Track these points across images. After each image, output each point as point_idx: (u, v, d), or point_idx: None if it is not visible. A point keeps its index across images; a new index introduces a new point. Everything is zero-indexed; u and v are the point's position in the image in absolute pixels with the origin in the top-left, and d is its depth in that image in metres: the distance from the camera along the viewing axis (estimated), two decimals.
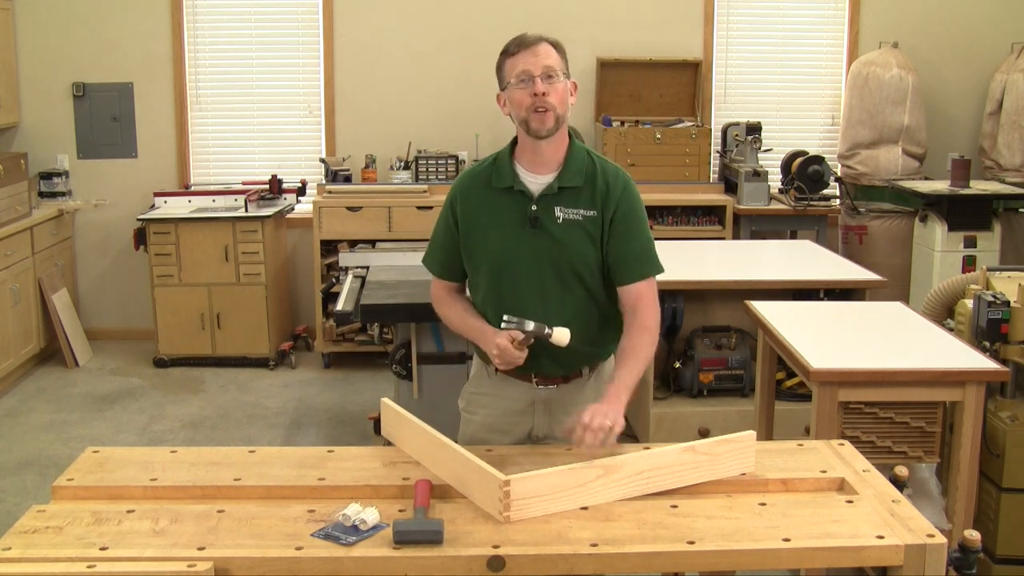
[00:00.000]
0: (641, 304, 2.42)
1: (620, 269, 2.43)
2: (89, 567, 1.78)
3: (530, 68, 2.34)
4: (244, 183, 6.30)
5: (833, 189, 6.21)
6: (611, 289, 2.48)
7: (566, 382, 2.51)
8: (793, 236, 6.26)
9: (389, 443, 2.40)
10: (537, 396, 2.50)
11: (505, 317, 2.34)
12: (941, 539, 1.89)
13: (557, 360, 2.43)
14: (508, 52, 2.39)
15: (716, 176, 6.45)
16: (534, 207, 2.41)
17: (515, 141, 2.48)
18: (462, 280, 2.58)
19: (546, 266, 2.40)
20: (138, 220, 5.94)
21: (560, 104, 2.36)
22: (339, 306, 4.14)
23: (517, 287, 2.40)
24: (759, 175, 6.06)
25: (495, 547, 1.86)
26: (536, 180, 2.43)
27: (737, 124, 6.34)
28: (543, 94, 2.33)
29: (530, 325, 2.29)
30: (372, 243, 5.68)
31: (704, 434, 4.26)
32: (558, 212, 2.40)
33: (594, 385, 2.53)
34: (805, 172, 5.99)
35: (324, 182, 6.19)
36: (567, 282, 2.41)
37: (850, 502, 2.07)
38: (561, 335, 2.29)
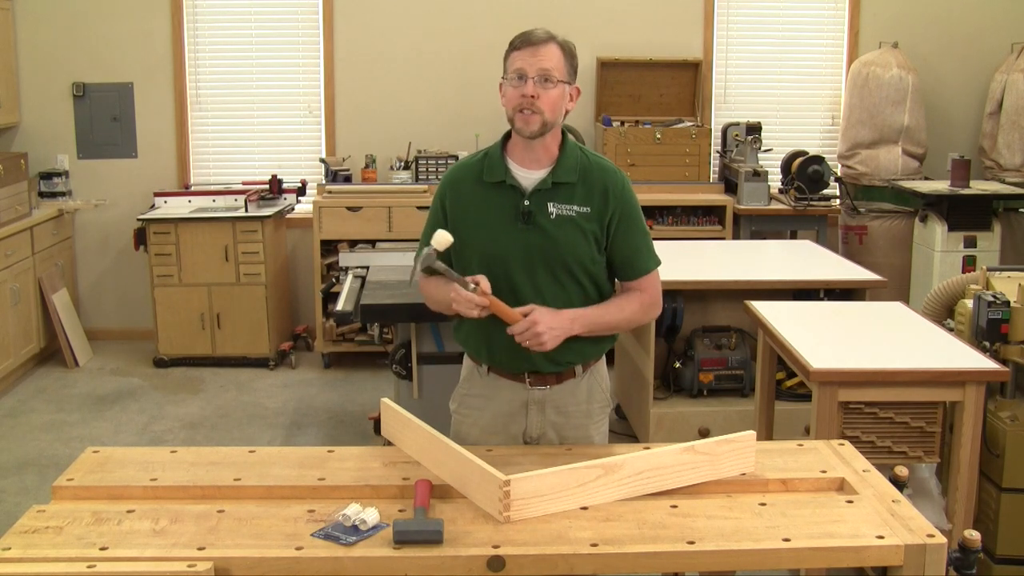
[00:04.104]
0: (641, 288, 2.49)
1: (624, 268, 2.48)
2: (89, 567, 1.78)
3: (526, 68, 2.32)
4: (244, 183, 6.30)
5: (833, 189, 6.21)
6: (605, 287, 2.49)
7: (559, 382, 2.49)
8: (793, 236, 6.26)
9: (389, 443, 2.40)
10: (530, 397, 2.48)
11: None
12: (941, 539, 1.89)
13: (550, 356, 2.41)
14: (513, 45, 2.37)
15: (716, 176, 6.45)
16: (527, 202, 2.38)
17: (508, 135, 2.46)
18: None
19: (538, 261, 2.39)
20: (138, 220, 5.94)
21: (550, 110, 2.33)
22: (339, 306, 4.14)
23: (510, 281, 2.39)
24: (759, 175, 6.06)
25: (495, 547, 1.86)
26: (528, 175, 2.41)
27: (737, 124, 6.34)
28: (533, 96, 2.31)
29: (422, 252, 2.33)
30: (372, 243, 5.68)
31: (704, 434, 4.26)
32: (551, 207, 2.38)
33: (587, 386, 2.52)
34: (805, 172, 5.99)
35: (324, 182, 6.20)
36: (559, 277, 2.40)
37: (850, 502, 2.07)
38: (438, 238, 2.31)
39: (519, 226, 2.39)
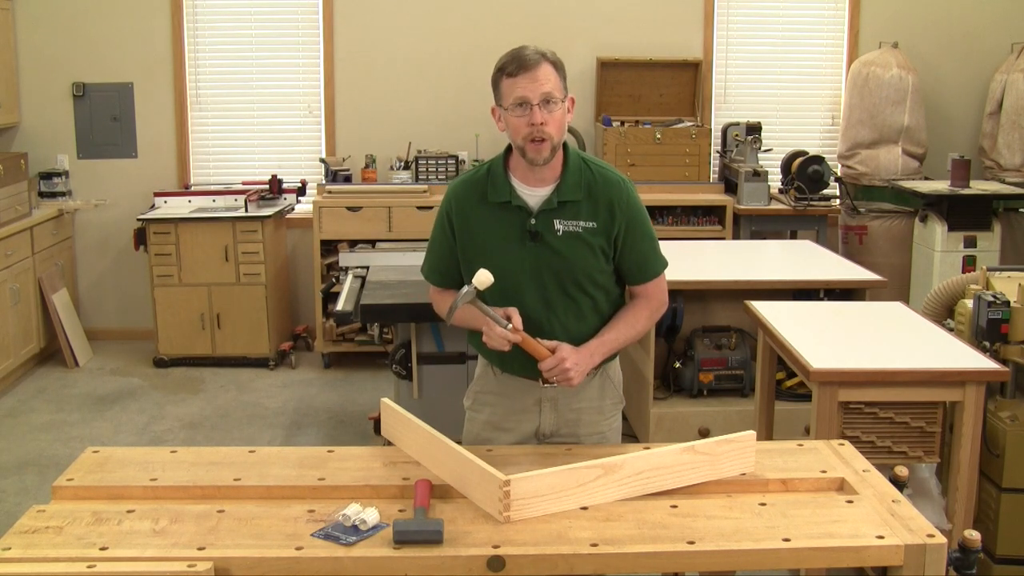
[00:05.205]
0: (648, 292, 2.52)
1: (632, 274, 2.50)
2: (89, 567, 1.78)
3: (528, 95, 2.28)
4: (244, 183, 6.31)
5: (833, 189, 6.21)
6: (613, 292, 2.50)
7: None
8: (793, 236, 6.26)
9: (389, 443, 2.40)
10: (543, 395, 2.51)
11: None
12: (941, 539, 1.89)
13: None
14: (506, 72, 2.31)
15: (716, 176, 6.45)
16: (533, 221, 2.39)
17: (509, 149, 2.45)
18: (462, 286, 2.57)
19: (548, 278, 2.41)
20: (138, 220, 5.94)
21: (558, 132, 2.32)
22: (339, 306, 4.14)
23: (521, 299, 2.40)
24: (759, 175, 6.06)
25: (495, 547, 1.86)
26: (534, 193, 2.41)
27: (737, 124, 6.34)
28: (541, 124, 2.28)
29: (462, 290, 2.33)
30: (372, 243, 5.68)
31: (704, 434, 4.26)
32: (557, 225, 2.39)
33: (600, 384, 2.54)
34: (805, 172, 5.99)
35: (324, 182, 6.20)
36: (569, 292, 2.42)
37: (850, 502, 2.07)
38: (480, 278, 2.29)
39: (527, 244, 2.39)
